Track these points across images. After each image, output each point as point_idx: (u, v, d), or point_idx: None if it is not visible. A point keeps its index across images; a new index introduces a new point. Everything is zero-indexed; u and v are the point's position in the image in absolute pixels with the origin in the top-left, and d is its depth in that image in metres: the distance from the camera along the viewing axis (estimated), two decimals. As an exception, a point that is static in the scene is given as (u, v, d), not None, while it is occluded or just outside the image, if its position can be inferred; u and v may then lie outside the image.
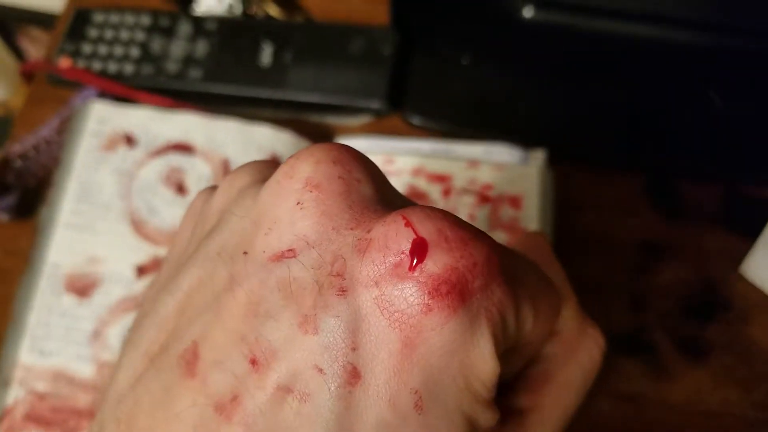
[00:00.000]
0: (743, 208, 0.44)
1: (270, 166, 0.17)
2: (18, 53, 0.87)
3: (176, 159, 0.41)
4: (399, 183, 0.43)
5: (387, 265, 0.14)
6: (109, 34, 0.47)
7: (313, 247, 0.14)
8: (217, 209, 0.17)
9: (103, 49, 0.46)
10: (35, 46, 0.87)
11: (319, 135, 0.45)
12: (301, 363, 0.14)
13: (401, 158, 0.44)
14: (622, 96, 0.46)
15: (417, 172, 0.43)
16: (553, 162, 0.45)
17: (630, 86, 0.46)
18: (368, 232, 0.14)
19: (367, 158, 0.16)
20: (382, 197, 0.16)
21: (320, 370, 0.13)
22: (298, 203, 0.15)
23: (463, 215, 0.42)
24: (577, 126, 0.45)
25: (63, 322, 0.37)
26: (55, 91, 0.47)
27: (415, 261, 0.13)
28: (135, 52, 0.46)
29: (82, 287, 0.38)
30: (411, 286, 0.13)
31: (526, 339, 0.17)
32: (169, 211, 0.40)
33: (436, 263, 0.13)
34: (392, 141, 0.45)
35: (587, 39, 0.47)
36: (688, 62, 0.47)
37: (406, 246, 0.14)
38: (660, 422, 0.39)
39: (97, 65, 0.46)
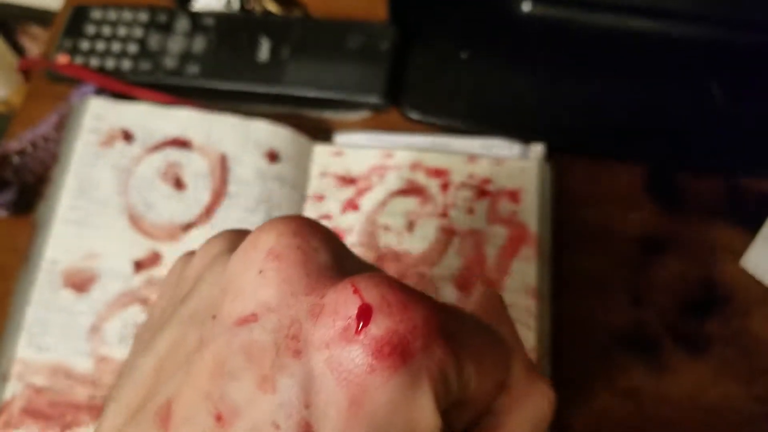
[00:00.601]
0: (744, 201, 0.44)
1: (241, 236, 0.19)
2: (19, 51, 0.87)
3: (174, 154, 0.41)
4: (397, 177, 0.43)
5: (336, 328, 0.15)
6: (106, 30, 0.46)
7: (273, 312, 0.16)
8: (192, 275, 0.20)
9: (100, 46, 0.46)
10: (36, 43, 0.87)
11: (317, 130, 0.45)
12: (260, 420, 0.15)
13: (400, 153, 0.43)
14: (621, 89, 0.45)
15: (415, 166, 0.43)
16: (553, 156, 0.44)
17: (630, 79, 0.45)
18: (322, 298, 0.16)
19: (326, 228, 0.18)
20: (337, 264, 0.17)
21: (277, 427, 0.15)
22: (260, 272, 0.16)
23: (462, 210, 0.42)
24: (576, 119, 0.45)
25: (61, 317, 0.37)
26: (53, 87, 0.46)
27: (360, 325, 0.15)
28: (133, 48, 0.46)
29: (80, 282, 0.38)
30: (357, 348, 0.15)
31: (472, 394, 0.18)
32: (167, 206, 0.40)
33: (378, 327, 0.15)
34: (391, 136, 0.45)
35: (585, 32, 0.46)
36: (689, 55, 0.46)
37: (354, 311, 0.15)
38: (660, 417, 0.39)
39: (94, 61, 0.45)
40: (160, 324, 0.19)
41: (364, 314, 0.15)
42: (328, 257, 0.17)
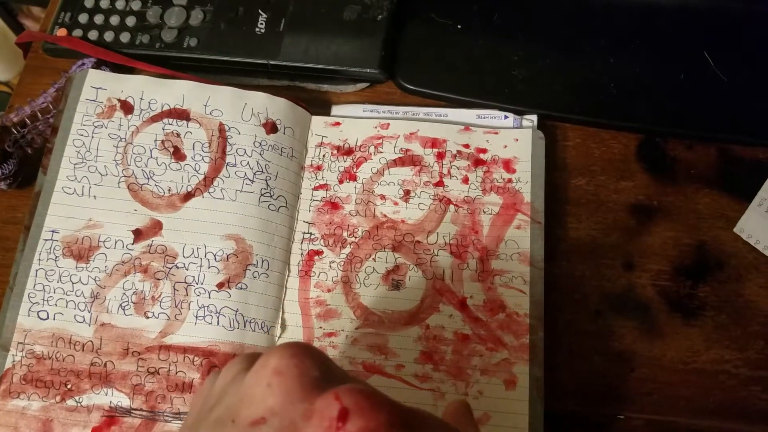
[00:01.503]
0: (736, 168, 0.44)
1: (254, 357, 0.24)
2: (21, 32, 0.86)
3: (172, 125, 0.41)
4: (393, 147, 0.42)
5: (323, 427, 0.20)
6: (104, 3, 0.46)
7: (277, 416, 0.21)
8: (217, 390, 0.24)
9: (98, 19, 0.45)
10: (38, 25, 0.86)
11: (314, 102, 0.45)
12: None
13: (396, 123, 0.43)
14: (614, 58, 0.45)
15: (411, 136, 0.43)
16: (546, 125, 0.44)
17: (622, 48, 0.45)
18: (312, 404, 0.21)
19: (318, 351, 0.23)
20: (326, 377, 0.22)
21: None
22: (268, 385, 0.21)
23: (458, 178, 0.41)
24: (569, 89, 0.44)
25: (61, 286, 0.37)
26: (52, 61, 0.46)
27: (340, 424, 0.20)
28: (131, 21, 0.45)
29: (80, 251, 0.38)
30: None
31: None
32: (166, 176, 0.39)
33: (354, 424, 0.20)
34: (386, 107, 0.45)
35: (580, 3, 0.46)
36: (682, 22, 0.45)
37: (335, 413, 0.20)
38: (653, 380, 0.39)
39: (93, 35, 0.45)
40: (192, 429, 0.24)
41: (343, 416, 0.20)
42: (319, 373, 0.22)
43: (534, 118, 0.43)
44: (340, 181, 0.42)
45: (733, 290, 0.41)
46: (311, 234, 0.40)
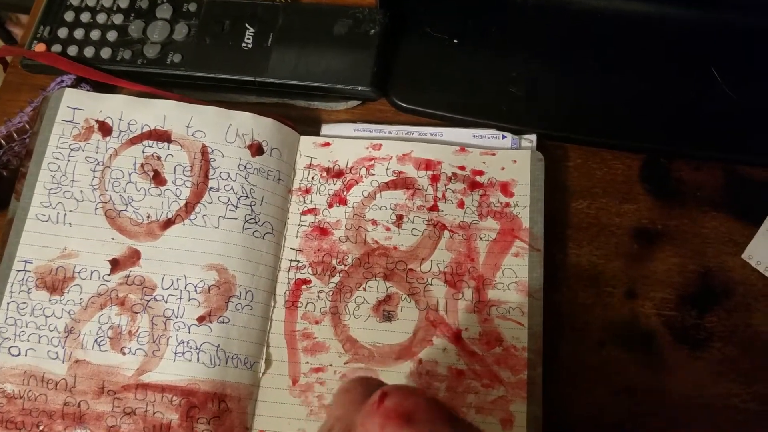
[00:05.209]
0: (745, 191, 0.40)
1: (368, 387, 0.24)
2: (9, 41, 0.82)
3: (152, 147, 0.37)
4: (386, 170, 0.38)
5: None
6: (85, 17, 0.42)
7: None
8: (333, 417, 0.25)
9: (79, 33, 0.41)
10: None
11: (303, 120, 0.41)
12: None
13: (388, 144, 0.39)
14: (616, 76, 0.41)
15: (404, 158, 0.39)
16: (545, 146, 0.40)
17: (626, 65, 0.41)
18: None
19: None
20: None
21: None
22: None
23: (453, 202, 0.37)
24: (570, 108, 0.40)
25: (34, 320, 0.33)
26: (32, 78, 0.42)
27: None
28: (112, 35, 0.41)
29: (53, 283, 0.34)
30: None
31: None
32: (145, 202, 0.36)
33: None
34: (379, 126, 0.41)
35: (579, 18, 0.42)
36: (687, 39, 0.41)
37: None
38: (657, 416, 0.35)
39: (73, 50, 0.41)
40: None
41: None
42: None
43: (533, 137, 0.39)
44: (330, 205, 0.38)
45: (740, 320, 0.37)
46: (299, 262, 0.36)
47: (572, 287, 0.37)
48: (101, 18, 0.42)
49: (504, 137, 0.39)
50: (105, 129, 0.37)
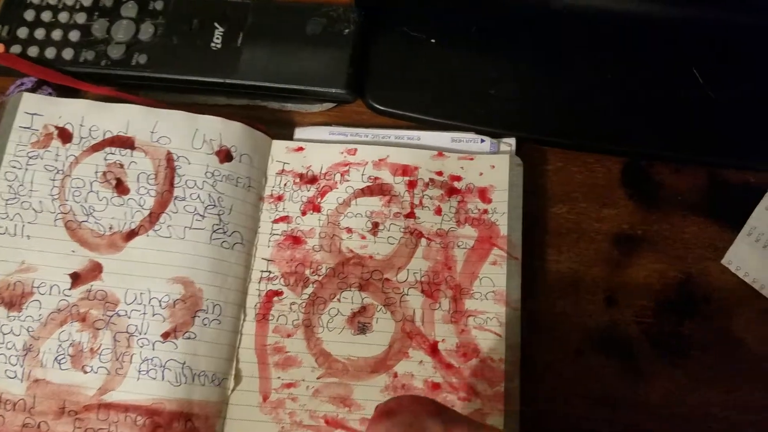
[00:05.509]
0: (726, 195, 0.39)
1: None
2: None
3: (115, 154, 0.35)
4: (361, 175, 0.37)
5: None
6: (46, 15, 0.40)
7: None
8: None
9: (40, 33, 0.39)
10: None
11: (276, 123, 0.39)
12: None
13: (364, 149, 0.38)
14: (597, 78, 0.40)
15: (380, 163, 0.37)
16: (524, 150, 0.39)
17: (606, 67, 0.40)
18: None
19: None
20: None
21: None
22: None
23: (430, 209, 0.36)
24: (549, 111, 0.39)
25: (-10, 338, 0.32)
26: (-9, 80, 0.40)
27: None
28: (75, 35, 0.39)
29: (11, 299, 0.32)
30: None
31: None
32: (107, 212, 0.34)
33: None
34: (354, 130, 0.39)
35: (559, 18, 0.40)
36: (668, 38, 0.40)
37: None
38: (636, 426, 0.35)
39: (33, 51, 0.39)
40: None
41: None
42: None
43: (512, 141, 0.38)
44: (303, 213, 0.36)
45: (720, 327, 0.36)
46: (270, 272, 0.35)
47: (551, 295, 0.37)
48: (63, 17, 0.40)
49: (483, 141, 0.38)
50: (65, 135, 0.35)
